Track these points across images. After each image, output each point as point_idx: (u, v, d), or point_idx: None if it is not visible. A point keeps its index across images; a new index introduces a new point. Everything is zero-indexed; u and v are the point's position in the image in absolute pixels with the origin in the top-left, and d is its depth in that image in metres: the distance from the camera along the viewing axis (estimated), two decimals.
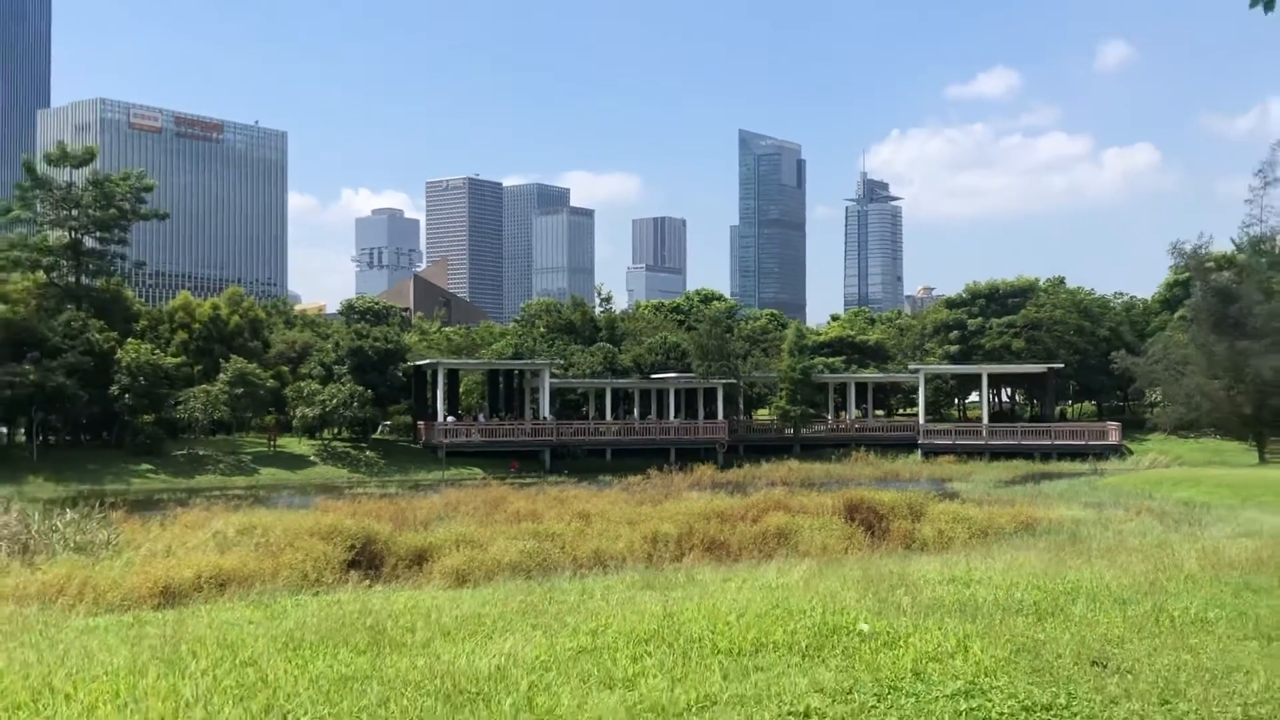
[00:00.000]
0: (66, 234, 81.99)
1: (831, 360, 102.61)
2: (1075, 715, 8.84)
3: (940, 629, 11.89)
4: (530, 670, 10.32)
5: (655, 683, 9.77)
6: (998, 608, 13.53)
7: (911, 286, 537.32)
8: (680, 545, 27.12)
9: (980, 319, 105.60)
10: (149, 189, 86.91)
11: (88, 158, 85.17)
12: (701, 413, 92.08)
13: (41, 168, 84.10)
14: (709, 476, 62.85)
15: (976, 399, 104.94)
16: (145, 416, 73.70)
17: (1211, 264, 73.22)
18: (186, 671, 10.47)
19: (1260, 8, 8.45)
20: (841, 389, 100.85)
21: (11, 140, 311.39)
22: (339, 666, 10.67)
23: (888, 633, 11.76)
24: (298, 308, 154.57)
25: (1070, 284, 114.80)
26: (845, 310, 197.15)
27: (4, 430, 73.17)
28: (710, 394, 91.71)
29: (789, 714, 8.85)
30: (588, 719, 8.71)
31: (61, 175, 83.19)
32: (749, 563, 22.04)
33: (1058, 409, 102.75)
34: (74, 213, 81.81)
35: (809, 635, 11.64)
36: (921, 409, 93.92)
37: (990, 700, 9.19)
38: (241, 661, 10.93)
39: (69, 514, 28.37)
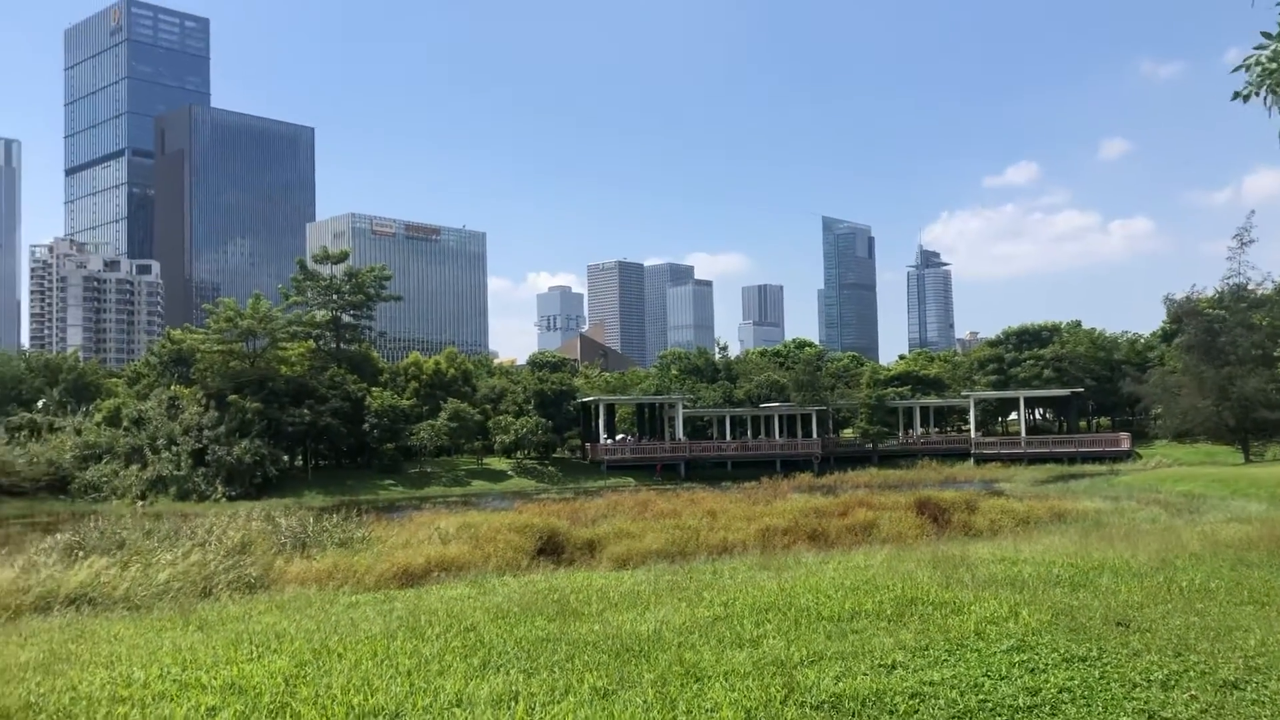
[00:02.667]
0: (329, 313, 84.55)
1: (900, 390, 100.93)
2: (1106, 665, 8.54)
3: (995, 598, 11.56)
4: (678, 633, 10.27)
5: (774, 643, 9.66)
6: (1040, 581, 13.12)
7: (961, 331, 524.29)
8: (787, 535, 26.75)
9: (1015, 353, 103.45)
10: (387, 278, 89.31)
11: (343, 257, 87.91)
12: (799, 432, 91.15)
13: (311, 266, 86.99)
14: (807, 482, 62.04)
15: (1015, 417, 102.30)
16: (388, 445, 75.29)
17: (1202, 307, 71.14)
18: (425, 636, 10.63)
19: (1239, 100, 8.20)
20: (909, 412, 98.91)
21: (288, 246, 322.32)
22: (536, 630, 10.74)
23: (954, 602, 11.46)
24: (496, 361, 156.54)
25: (1085, 325, 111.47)
26: (909, 351, 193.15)
27: (286, 457, 75.63)
28: (806, 418, 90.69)
29: (879, 666, 8.68)
30: (724, 670, 8.63)
31: (325, 270, 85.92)
32: (842, 549, 21.65)
33: (1080, 423, 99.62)
34: (334, 297, 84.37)
35: (892, 605, 11.40)
36: (973, 426, 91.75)
37: (1038, 654, 8.91)
38: (464, 628, 11.05)
39: (334, 518, 28.90)
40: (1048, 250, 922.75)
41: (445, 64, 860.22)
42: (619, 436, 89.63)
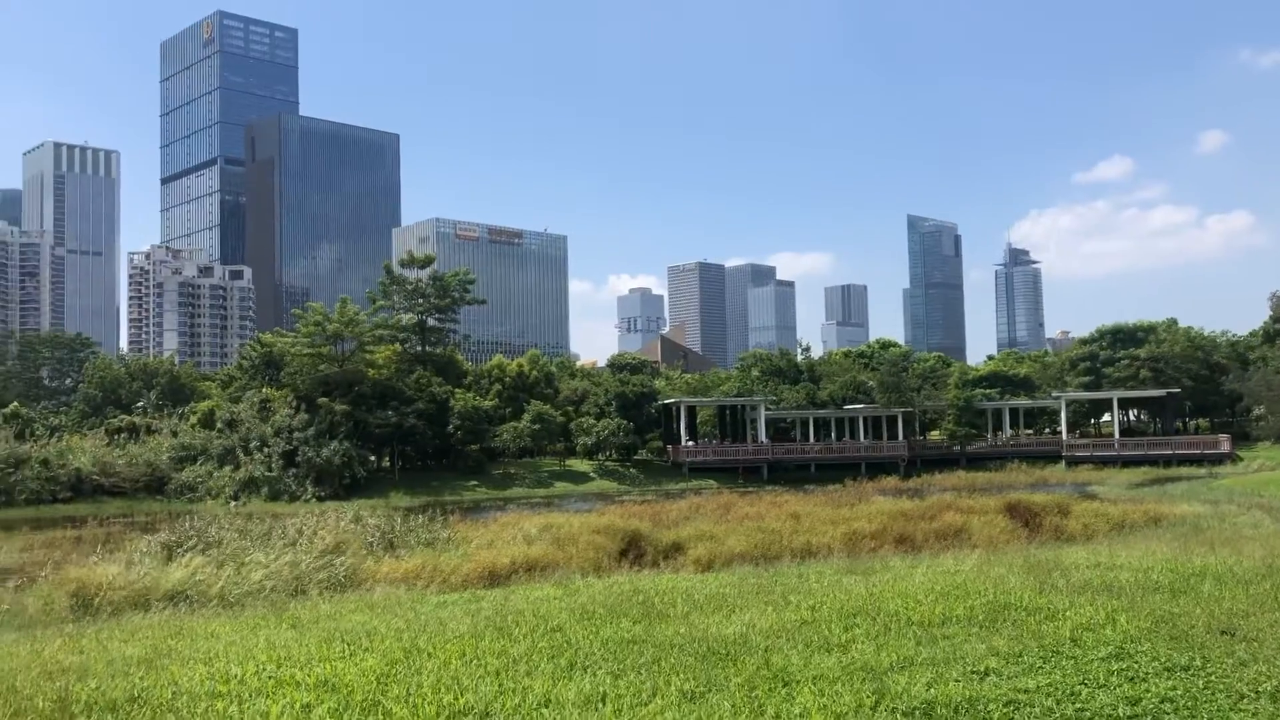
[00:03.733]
0: (415, 317, 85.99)
1: (988, 391, 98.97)
2: (1210, 675, 8.26)
3: (1091, 605, 11.28)
4: (765, 636, 10.21)
5: (863, 648, 9.55)
6: (1137, 587, 12.77)
7: (1051, 330, 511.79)
8: (873, 539, 26.40)
9: (1109, 353, 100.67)
10: (471, 282, 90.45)
11: (428, 262, 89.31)
12: (885, 434, 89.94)
13: (397, 270, 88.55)
14: (892, 485, 61.18)
15: (1109, 418, 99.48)
16: (472, 446, 76.23)
17: None
18: (512, 636, 10.73)
19: None
20: (998, 413, 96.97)
21: (374, 251, 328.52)
22: (621, 632, 10.76)
23: (1048, 608, 11.20)
24: (577, 364, 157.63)
25: (1182, 324, 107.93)
26: (998, 352, 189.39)
27: (373, 458, 77.00)
28: (891, 420, 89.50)
29: (972, 673, 8.52)
30: (812, 675, 8.56)
31: (410, 275, 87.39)
32: (930, 553, 21.30)
33: (1176, 425, 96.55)
34: (420, 301, 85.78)
35: (984, 610, 11.19)
36: (1064, 427, 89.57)
37: (1137, 662, 8.67)
38: (551, 628, 11.12)
39: (420, 519, 29.31)
40: (1142, 247, 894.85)
41: (527, 69, 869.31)
42: (701, 438, 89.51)
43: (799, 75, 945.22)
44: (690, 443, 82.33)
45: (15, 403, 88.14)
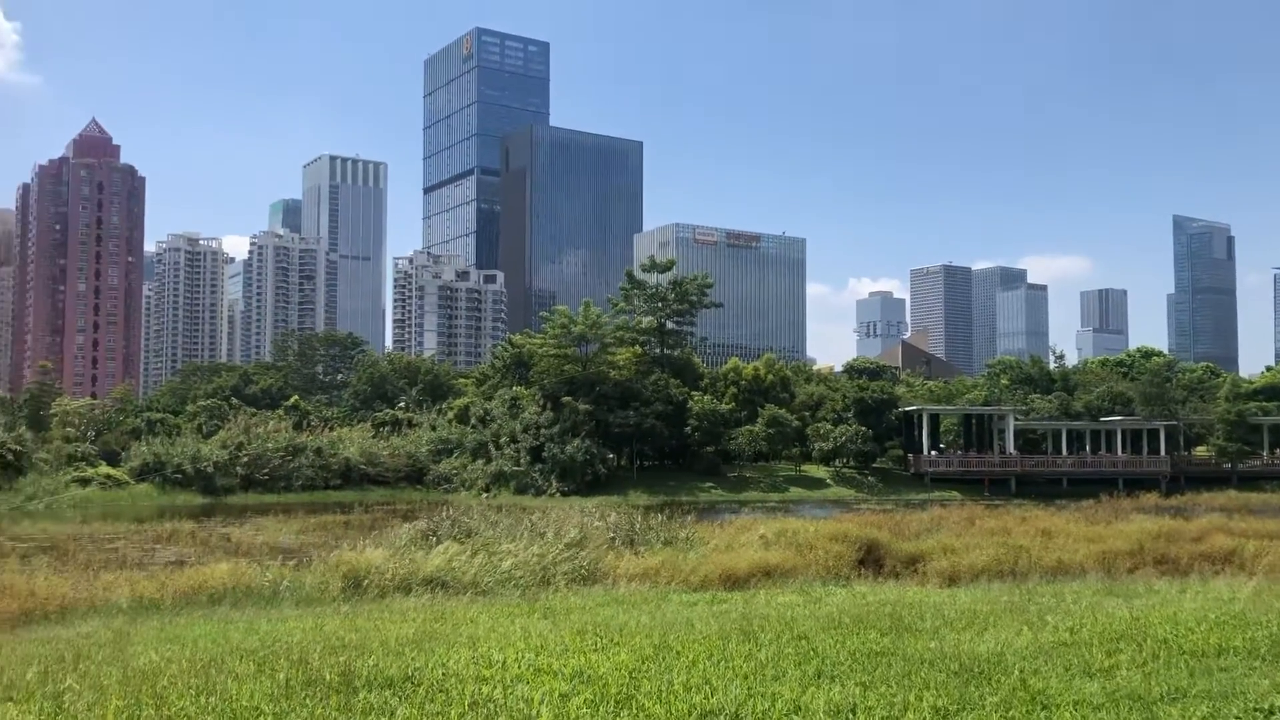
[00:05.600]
0: (654, 320, 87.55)
1: (1265, 404, 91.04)
2: None
3: None
4: (1021, 657, 9.79)
5: (1129, 675, 8.99)
6: None
7: None
8: (1131, 559, 24.82)
9: None
10: (709, 286, 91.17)
11: (668, 267, 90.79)
12: (1145, 449, 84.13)
13: (638, 275, 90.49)
14: (1153, 502, 57.00)
15: None
16: (708, 448, 76.90)
17: None
18: (758, 640, 10.76)
19: None
20: (1275, 429, 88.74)
21: (617, 256, 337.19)
22: (869, 643, 10.59)
23: None
24: (814, 368, 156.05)
25: None
26: (1277, 362, 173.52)
27: (613, 456, 78.79)
28: (1153, 433, 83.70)
29: (1254, 710, 7.85)
30: (1073, 700, 8.13)
31: (651, 279, 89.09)
32: (1198, 577, 19.76)
33: None
34: (659, 305, 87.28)
35: (1267, 643, 10.29)
36: None
37: None
38: (796, 635, 11.08)
39: (658, 517, 29.79)
40: None
41: (763, 74, 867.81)
42: (944, 448, 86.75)
43: (1052, 73, 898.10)
44: (932, 452, 79.93)
45: (295, 396, 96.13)
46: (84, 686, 9.10)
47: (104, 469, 68.15)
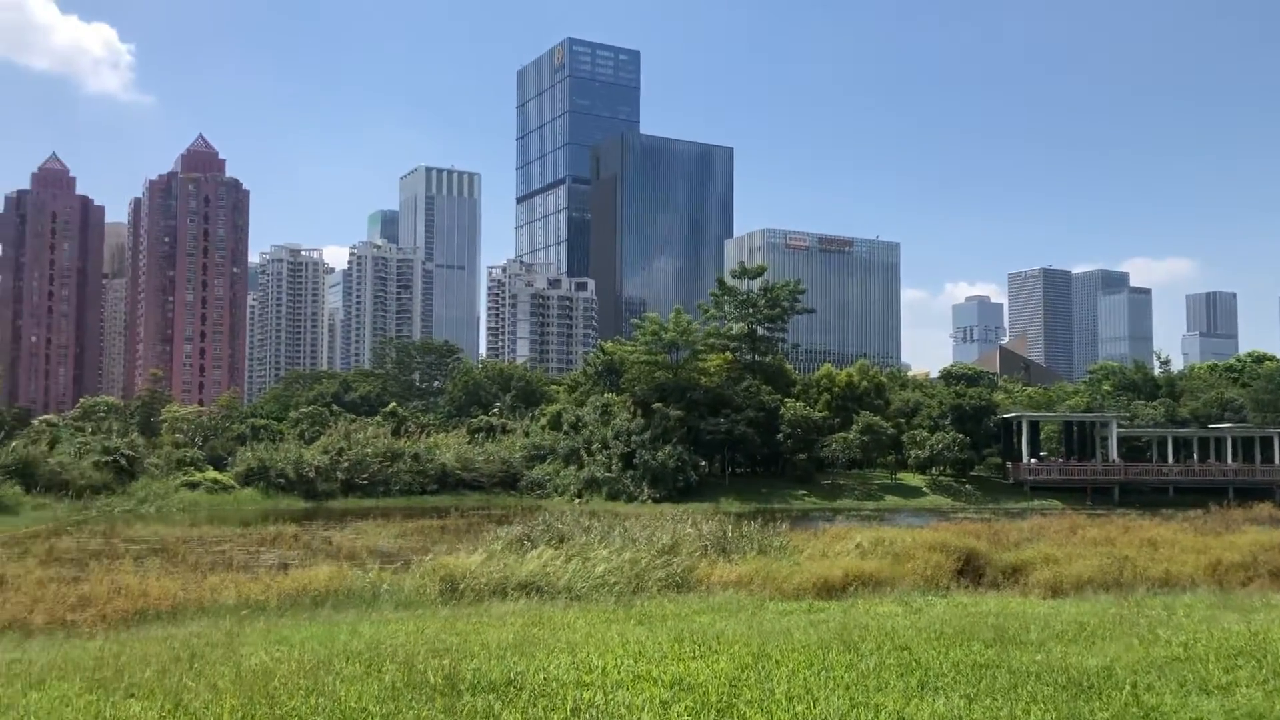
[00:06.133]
0: (745, 326, 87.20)
1: None
2: None
3: None
4: (1132, 672, 9.49)
5: (1250, 693, 8.64)
6: None
7: None
8: (1244, 571, 23.93)
9: None
10: (801, 292, 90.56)
11: (759, 272, 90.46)
12: (1258, 457, 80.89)
13: (729, 281, 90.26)
14: (1267, 513, 54.70)
15: None
16: (800, 455, 76.20)
17: None
18: (859, 650, 10.62)
19: None
20: None
21: (708, 262, 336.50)
22: (973, 655, 10.37)
23: None
24: (909, 374, 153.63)
25: None
26: None
27: (704, 463, 78.71)
28: (1266, 441, 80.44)
29: None
30: (1190, 718, 7.85)
31: (742, 285, 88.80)
32: None
33: None
34: (750, 311, 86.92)
35: None
36: None
37: None
38: (897, 645, 10.91)
39: (751, 525, 29.62)
40: None
41: (853, 77, 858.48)
42: (1044, 455, 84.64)
43: (1154, 69, 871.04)
44: (1032, 460, 78.03)
45: (393, 403, 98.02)
46: (200, 685, 9.40)
47: (211, 474, 70.37)
